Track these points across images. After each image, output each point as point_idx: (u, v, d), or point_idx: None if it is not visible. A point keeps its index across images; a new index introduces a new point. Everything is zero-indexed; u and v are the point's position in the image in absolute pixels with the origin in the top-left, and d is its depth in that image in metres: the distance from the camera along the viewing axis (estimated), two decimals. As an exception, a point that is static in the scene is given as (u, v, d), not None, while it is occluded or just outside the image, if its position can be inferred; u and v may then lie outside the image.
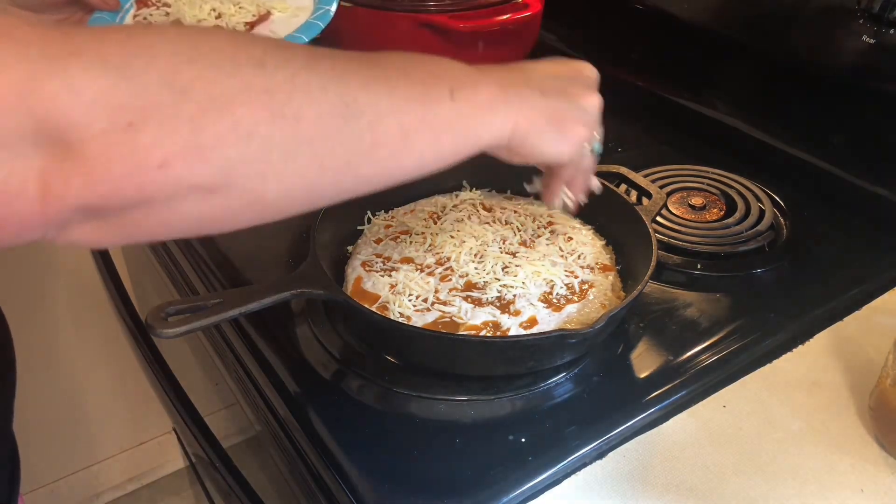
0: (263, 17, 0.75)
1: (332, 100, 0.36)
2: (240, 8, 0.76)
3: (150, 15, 0.79)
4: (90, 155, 0.30)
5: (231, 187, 0.34)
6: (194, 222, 0.35)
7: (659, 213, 0.68)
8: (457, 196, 0.73)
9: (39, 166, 0.30)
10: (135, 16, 0.79)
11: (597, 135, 0.50)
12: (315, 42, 0.71)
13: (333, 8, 0.74)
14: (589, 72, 0.51)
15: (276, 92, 0.34)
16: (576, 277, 0.62)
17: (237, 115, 0.32)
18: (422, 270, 0.62)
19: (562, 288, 0.60)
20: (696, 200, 0.77)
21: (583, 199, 0.55)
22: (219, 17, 0.74)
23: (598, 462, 0.52)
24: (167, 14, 0.79)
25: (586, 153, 0.50)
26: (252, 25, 0.74)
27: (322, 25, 0.72)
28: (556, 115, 0.46)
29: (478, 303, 0.59)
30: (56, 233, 0.33)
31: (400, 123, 0.38)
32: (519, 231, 0.67)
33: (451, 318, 0.57)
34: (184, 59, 0.32)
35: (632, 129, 0.95)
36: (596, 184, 0.55)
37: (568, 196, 0.54)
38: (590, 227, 0.70)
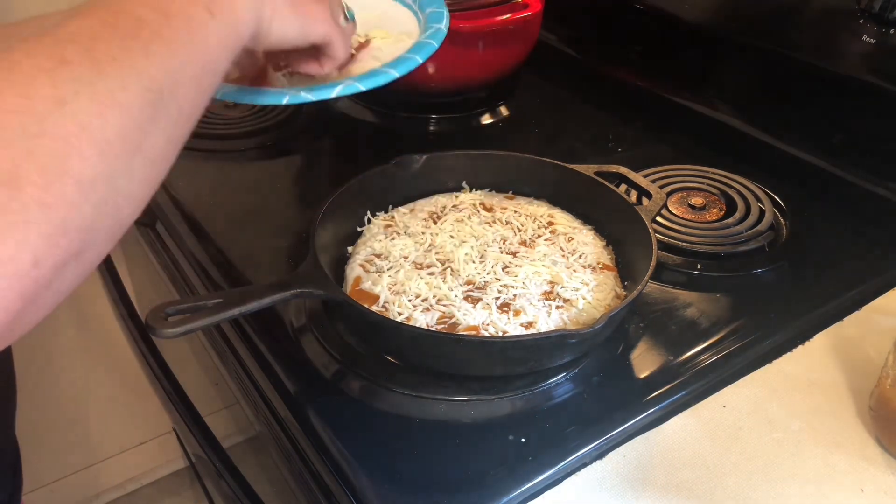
0: (363, 46, 0.70)
1: (137, 95, 0.34)
2: None
3: None
4: None
5: (96, 237, 0.33)
6: (77, 281, 0.33)
7: (659, 213, 0.68)
8: (457, 196, 0.73)
9: None
10: None
11: (343, 5, 0.54)
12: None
13: (445, 25, 0.69)
14: None
15: (89, 125, 0.31)
16: (577, 277, 0.62)
17: (74, 171, 0.30)
18: (422, 270, 0.62)
19: (563, 288, 0.60)
20: (696, 200, 0.77)
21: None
22: None
23: (598, 462, 0.52)
24: None
25: (339, 25, 0.54)
26: (352, 56, 0.68)
27: (436, 45, 0.67)
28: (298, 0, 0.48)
29: (478, 303, 0.59)
30: None
31: (192, 75, 0.38)
32: (519, 231, 0.67)
33: (451, 318, 0.57)
34: None
35: (632, 129, 0.95)
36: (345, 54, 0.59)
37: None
38: (590, 227, 0.70)
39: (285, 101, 0.59)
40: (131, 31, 0.36)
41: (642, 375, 0.58)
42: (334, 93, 0.60)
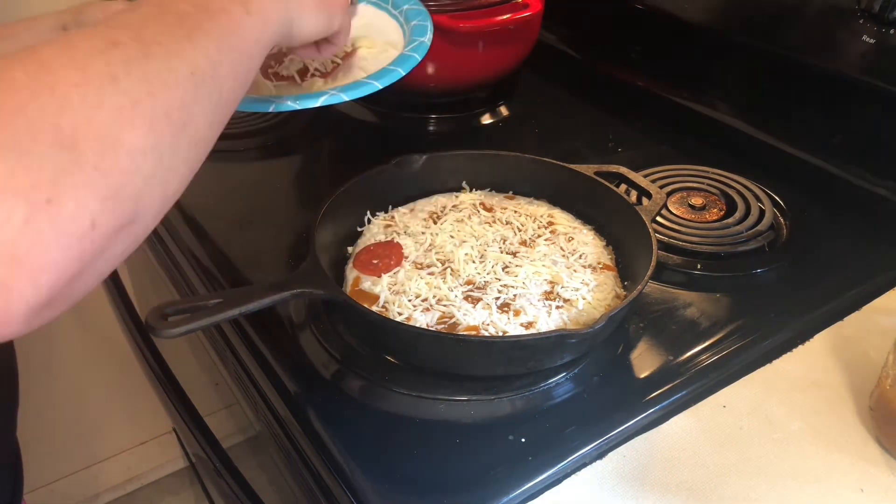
0: (350, 55, 0.74)
1: (182, 77, 0.37)
2: None
3: None
4: (22, 253, 0.29)
5: (145, 208, 0.34)
6: (122, 257, 0.35)
7: (659, 213, 0.68)
8: (457, 196, 0.73)
9: None
10: None
11: None
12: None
13: (429, 38, 0.72)
14: None
15: (141, 100, 0.34)
16: (577, 277, 0.62)
17: (126, 141, 0.33)
18: (422, 270, 0.62)
19: (563, 288, 0.60)
20: (696, 200, 0.77)
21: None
22: None
23: (598, 462, 0.52)
24: None
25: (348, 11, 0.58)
26: (336, 66, 0.73)
27: (419, 58, 0.70)
28: None
29: (478, 303, 0.59)
30: (25, 329, 0.32)
31: (230, 65, 0.41)
32: (519, 231, 0.67)
33: (451, 318, 0.57)
34: (53, 110, 0.31)
35: (632, 129, 0.95)
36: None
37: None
38: (590, 227, 0.70)
39: (272, 108, 0.62)
40: (175, 22, 0.39)
41: (642, 375, 0.58)
42: (319, 102, 0.62)
